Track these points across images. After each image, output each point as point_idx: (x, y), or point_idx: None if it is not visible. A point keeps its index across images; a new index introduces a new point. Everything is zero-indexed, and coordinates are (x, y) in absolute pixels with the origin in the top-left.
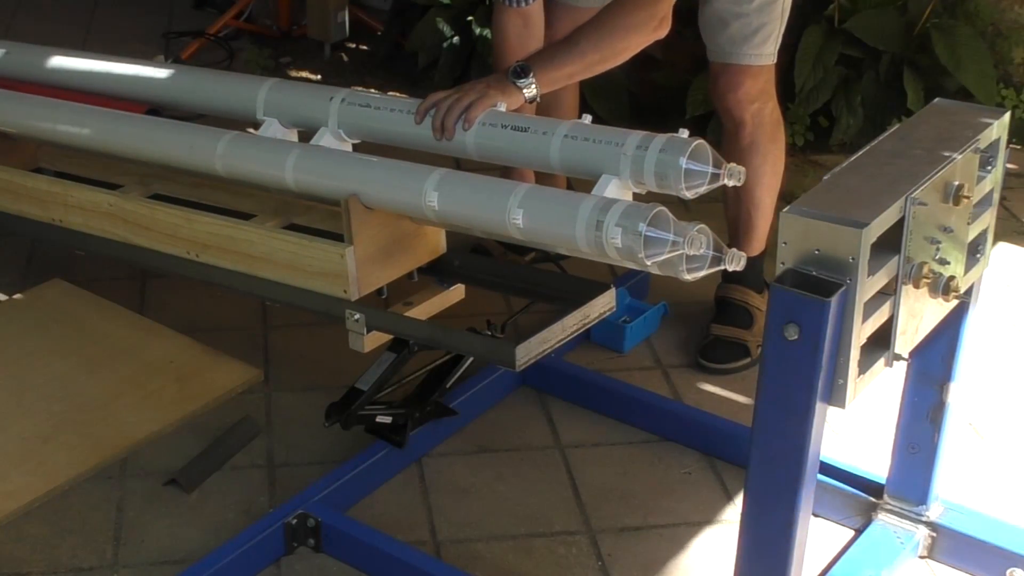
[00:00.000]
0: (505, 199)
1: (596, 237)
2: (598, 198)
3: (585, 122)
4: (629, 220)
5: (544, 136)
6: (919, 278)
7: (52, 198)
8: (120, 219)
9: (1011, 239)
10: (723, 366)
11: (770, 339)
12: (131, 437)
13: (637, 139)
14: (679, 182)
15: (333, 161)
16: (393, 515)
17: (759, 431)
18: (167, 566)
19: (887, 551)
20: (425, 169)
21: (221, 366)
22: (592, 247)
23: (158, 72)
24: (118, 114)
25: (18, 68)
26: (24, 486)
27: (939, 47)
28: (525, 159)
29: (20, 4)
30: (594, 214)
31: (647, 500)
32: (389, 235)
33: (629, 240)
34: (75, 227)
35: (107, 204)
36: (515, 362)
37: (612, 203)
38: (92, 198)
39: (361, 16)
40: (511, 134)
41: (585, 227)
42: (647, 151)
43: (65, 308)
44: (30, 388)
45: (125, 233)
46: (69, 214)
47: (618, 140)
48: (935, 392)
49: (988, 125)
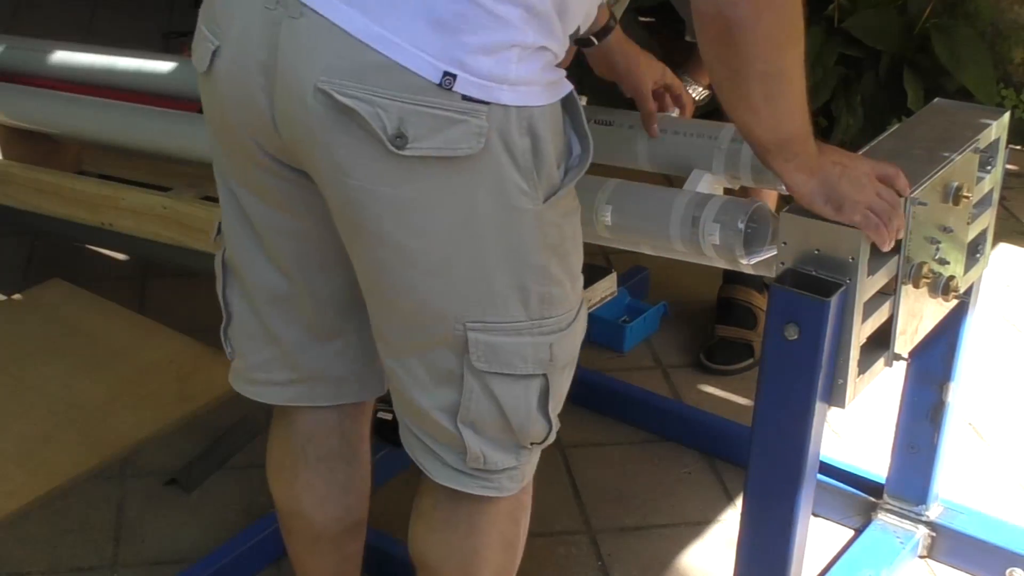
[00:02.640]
0: (594, 193)
1: (692, 233)
2: (692, 193)
3: (672, 115)
4: (728, 215)
5: (631, 130)
6: (919, 278)
7: (103, 201)
8: (175, 222)
9: (1011, 239)
10: (728, 367)
11: (770, 339)
12: (131, 437)
13: (731, 132)
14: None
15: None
16: (393, 515)
17: (759, 431)
18: (167, 566)
19: (887, 551)
20: None
21: (221, 366)
22: (687, 245)
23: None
24: (171, 113)
25: (60, 68)
26: (24, 486)
27: (939, 47)
28: (609, 154)
29: (20, 4)
30: (689, 210)
31: (647, 500)
32: None
33: (728, 237)
34: (126, 231)
35: (161, 207)
36: None
37: (708, 198)
38: (145, 201)
39: None
40: (593, 127)
41: (680, 224)
42: (743, 144)
43: (65, 308)
44: (30, 388)
45: (180, 236)
46: (120, 217)
47: (711, 133)
48: (935, 392)
49: (988, 125)
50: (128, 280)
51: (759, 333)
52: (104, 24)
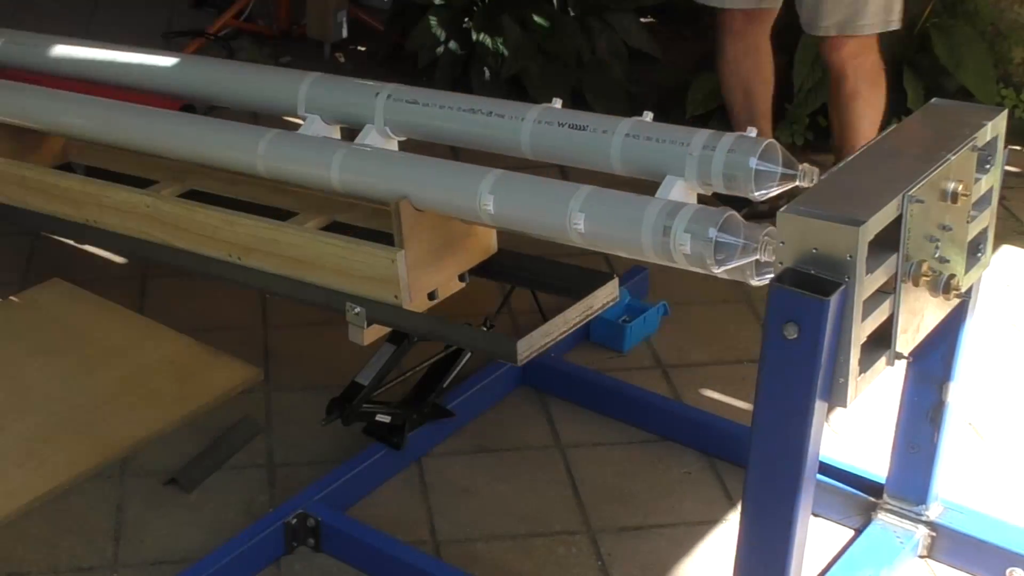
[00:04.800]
0: (565, 202)
1: (663, 243)
2: (664, 201)
3: (646, 120)
4: (699, 225)
5: (604, 135)
6: (919, 276)
7: (86, 199)
8: (158, 221)
9: (1011, 239)
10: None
11: (770, 338)
12: (131, 437)
13: (703, 138)
14: (749, 183)
15: (381, 161)
16: (393, 515)
17: (759, 430)
18: (167, 566)
19: (887, 551)
20: (479, 170)
21: (221, 366)
22: (659, 253)
23: (194, 65)
24: (153, 111)
25: (42, 59)
26: (24, 486)
27: (939, 47)
28: (583, 158)
29: (19, 3)
30: (661, 219)
31: (647, 500)
32: (440, 237)
33: (699, 246)
34: (110, 228)
35: (144, 206)
36: (516, 356)
37: (679, 207)
38: (129, 199)
39: (361, 16)
40: (568, 132)
41: (652, 232)
42: (715, 151)
43: (65, 308)
44: (30, 388)
45: (163, 235)
46: (104, 215)
47: (683, 139)
48: (935, 392)
49: (985, 124)
50: (128, 280)
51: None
52: (104, 23)
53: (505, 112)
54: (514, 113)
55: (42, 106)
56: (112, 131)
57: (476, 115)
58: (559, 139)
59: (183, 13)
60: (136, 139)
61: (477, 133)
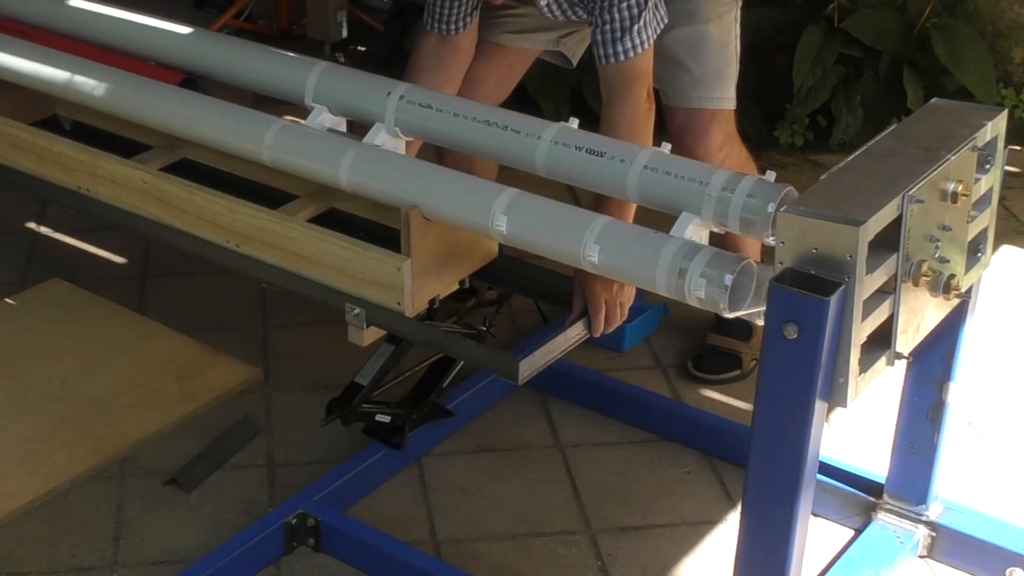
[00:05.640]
0: (581, 232)
1: (678, 284)
2: (681, 242)
3: (664, 151)
4: (715, 271)
5: (622, 164)
6: (919, 276)
7: (80, 166)
8: (154, 197)
9: (1011, 239)
10: (713, 376)
11: (770, 339)
12: (131, 437)
13: (723, 179)
14: (766, 229)
15: (395, 168)
16: (393, 515)
17: (759, 430)
18: (167, 566)
19: (887, 551)
20: (493, 188)
21: (221, 365)
22: (672, 292)
23: (202, 38)
24: (157, 85)
25: (41, 11)
26: (24, 486)
27: (939, 47)
28: (599, 185)
29: None
30: (677, 260)
31: (647, 500)
32: (446, 245)
33: (713, 292)
34: (103, 198)
35: (140, 181)
36: (518, 376)
37: (696, 250)
38: (124, 172)
39: (361, 16)
40: (586, 157)
41: (667, 272)
42: (734, 193)
43: (65, 308)
44: (30, 388)
45: (158, 212)
46: (97, 184)
47: (702, 178)
48: (935, 392)
49: (985, 124)
50: (128, 280)
51: (752, 346)
52: None
53: (521, 128)
54: (531, 130)
55: (29, 62)
56: (115, 103)
57: (492, 128)
58: (576, 163)
59: (183, 13)
60: (137, 113)
61: (491, 146)
